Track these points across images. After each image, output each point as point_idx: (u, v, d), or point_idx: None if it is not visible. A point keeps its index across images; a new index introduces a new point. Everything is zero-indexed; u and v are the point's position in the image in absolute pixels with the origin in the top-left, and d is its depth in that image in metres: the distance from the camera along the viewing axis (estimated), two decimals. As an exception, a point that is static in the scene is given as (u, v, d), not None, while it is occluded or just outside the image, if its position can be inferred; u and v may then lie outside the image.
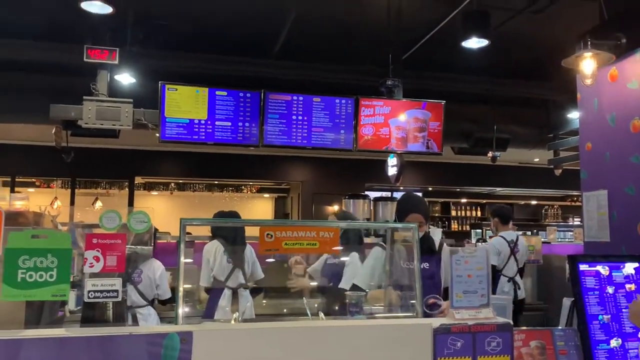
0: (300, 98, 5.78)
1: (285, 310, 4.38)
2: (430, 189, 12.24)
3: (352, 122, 5.83)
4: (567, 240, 10.64)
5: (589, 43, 2.93)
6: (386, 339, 1.87)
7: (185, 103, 5.49)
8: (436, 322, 1.92)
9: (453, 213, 13.89)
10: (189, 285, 4.35)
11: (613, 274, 2.25)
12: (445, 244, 3.30)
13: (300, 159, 10.84)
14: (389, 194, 10.90)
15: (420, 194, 4.18)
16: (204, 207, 12.26)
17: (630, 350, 2.14)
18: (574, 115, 6.84)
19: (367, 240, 5.08)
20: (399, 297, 2.70)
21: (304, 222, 4.07)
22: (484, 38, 4.67)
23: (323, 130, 5.80)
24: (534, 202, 14.37)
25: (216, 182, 12.55)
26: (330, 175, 10.95)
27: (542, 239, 6.73)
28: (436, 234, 3.39)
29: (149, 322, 3.91)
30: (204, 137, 5.55)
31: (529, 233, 10.54)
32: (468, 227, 13.39)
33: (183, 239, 2.09)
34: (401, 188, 11.36)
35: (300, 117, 5.75)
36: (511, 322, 1.98)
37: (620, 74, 2.98)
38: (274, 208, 13.90)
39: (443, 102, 6.06)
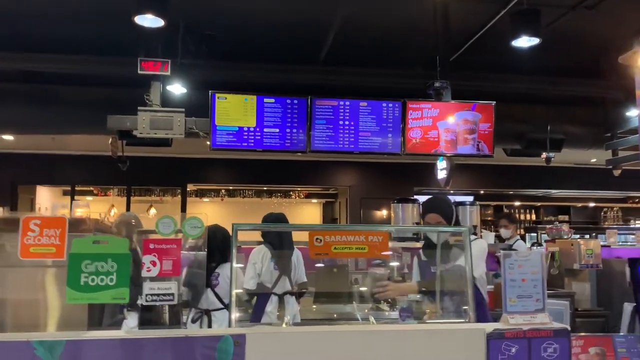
0: (347, 103, 5.79)
1: (335, 315, 4.38)
2: (482, 192, 11.97)
3: (400, 126, 5.79)
4: (628, 244, 10.16)
5: (647, 38, 2.82)
6: (439, 343, 1.85)
7: (235, 111, 5.60)
8: (489, 327, 1.89)
9: (506, 217, 13.52)
10: (240, 290, 4.38)
11: (678, 278, 2.15)
12: (478, 241, 3.19)
13: (348, 164, 10.84)
14: (438, 197, 10.71)
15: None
16: (254, 213, 12.43)
17: (698, 359, 2.04)
18: (632, 113, 6.55)
19: (417, 245, 4.98)
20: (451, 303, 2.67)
21: (353, 227, 4.02)
22: (535, 37, 4.55)
23: (370, 135, 5.78)
24: (591, 205, 13.84)
25: (265, 188, 12.70)
26: (378, 180, 10.88)
27: (602, 243, 6.45)
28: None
29: (222, 326, 3.87)
30: (253, 144, 5.65)
31: (587, 236, 10.16)
32: (522, 231, 13.02)
33: (235, 244, 2.13)
34: (451, 192, 11.18)
35: (347, 122, 5.76)
36: (568, 328, 1.92)
37: (682, 68, 2.85)
38: (322, 213, 13.94)
39: (493, 102, 5.93)
